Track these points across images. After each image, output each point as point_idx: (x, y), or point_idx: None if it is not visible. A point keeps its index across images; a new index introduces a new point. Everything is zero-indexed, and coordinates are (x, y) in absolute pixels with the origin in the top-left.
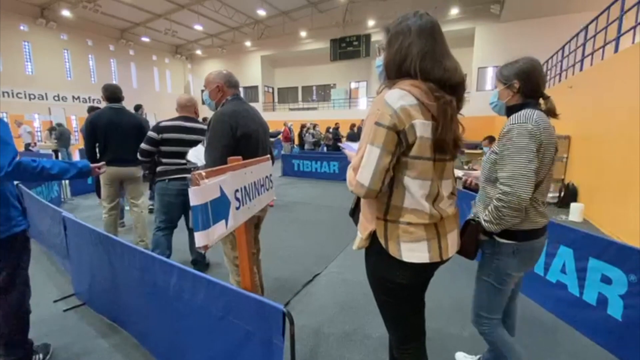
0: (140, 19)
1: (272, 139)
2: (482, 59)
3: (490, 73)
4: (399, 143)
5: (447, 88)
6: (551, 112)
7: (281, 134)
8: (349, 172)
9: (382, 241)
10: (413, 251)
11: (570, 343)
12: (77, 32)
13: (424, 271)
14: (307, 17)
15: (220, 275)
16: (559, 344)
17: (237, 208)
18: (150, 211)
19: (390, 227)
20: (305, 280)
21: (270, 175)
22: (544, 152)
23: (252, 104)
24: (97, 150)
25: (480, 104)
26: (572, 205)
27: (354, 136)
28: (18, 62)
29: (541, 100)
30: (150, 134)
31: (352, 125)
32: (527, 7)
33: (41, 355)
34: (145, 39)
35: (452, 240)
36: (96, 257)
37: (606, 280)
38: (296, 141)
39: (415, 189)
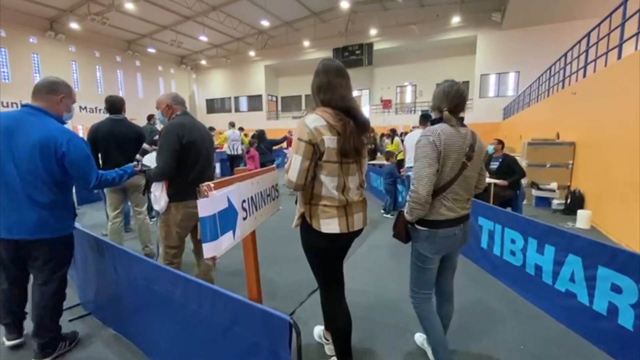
0: (146, 31)
1: (275, 147)
2: (484, 66)
3: (492, 80)
4: (315, 152)
5: (346, 112)
6: (461, 122)
7: (285, 141)
8: (285, 174)
9: (308, 219)
10: (328, 225)
11: (581, 354)
12: (85, 44)
13: (338, 239)
14: (310, 27)
15: (226, 285)
16: (569, 355)
17: (244, 218)
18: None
19: (313, 209)
20: (311, 290)
21: (277, 184)
22: (444, 159)
23: (256, 113)
24: (99, 159)
25: (483, 111)
26: (579, 212)
27: None
28: (27, 74)
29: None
30: (145, 146)
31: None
32: (529, 14)
33: (68, 342)
34: (151, 50)
35: (358, 219)
36: (102, 266)
37: (616, 289)
38: None
39: (327, 183)
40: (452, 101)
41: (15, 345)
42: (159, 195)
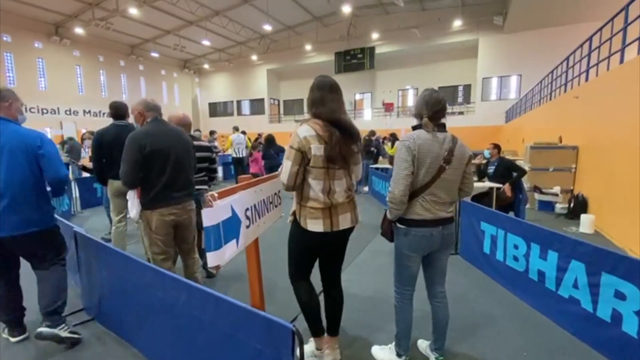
0: (150, 35)
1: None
2: (486, 69)
3: (494, 83)
4: (303, 158)
5: (335, 124)
6: (440, 128)
7: None
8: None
9: (298, 217)
10: (314, 224)
11: None
12: (89, 48)
13: (323, 237)
14: (312, 31)
15: (228, 291)
16: None
17: (248, 227)
18: None
19: (302, 209)
20: None
21: (279, 191)
22: (418, 162)
23: (258, 116)
24: (103, 165)
25: (485, 114)
26: (583, 216)
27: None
28: (32, 78)
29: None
30: None
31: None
32: (530, 18)
33: (68, 328)
34: (154, 54)
35: (344, 218)
36: (105, 272)
37: (620, 296)
38: None
39: (314, 186)
40: (431, 108)
41: (21, 341)
42: (131, 203)
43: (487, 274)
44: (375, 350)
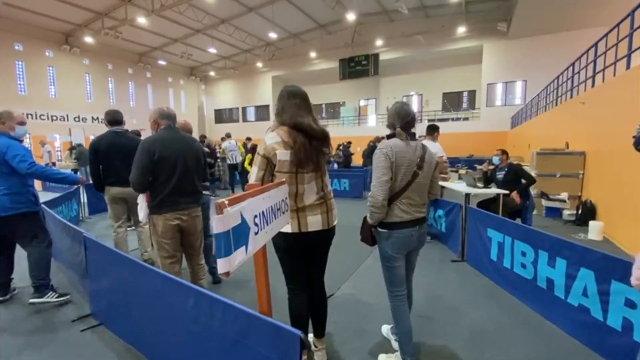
0: (157, 44)
1: None
2: (491, 75)
3: (499, 89)
4: (268, 164)
5: (297, 128)
6: (411, 137)
7: None
8: None
9: None
10: (286, 226)
11: None
12: (98, 56)
13: (295, 237)
14: (317, 38)
15: (234, 297)
16: None
17: (256, 233)
18: None
19: None
20: None
21: (286, 198)
22: (396, 168)
23: (263, 122)
24: (101, 170)
25: (490, 120)
26: (591, 223)
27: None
28: (43, 86)
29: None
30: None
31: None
32: (535, 24)
33: (57, 295)
34: (161, 62)
35: (314, 220)
36: (115, 277)
37: (630, 304)
38: None
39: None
40: (403, 119)
41: (2, 301)
42: (139, 206)
43: (495, 281)
44: (382, 358)
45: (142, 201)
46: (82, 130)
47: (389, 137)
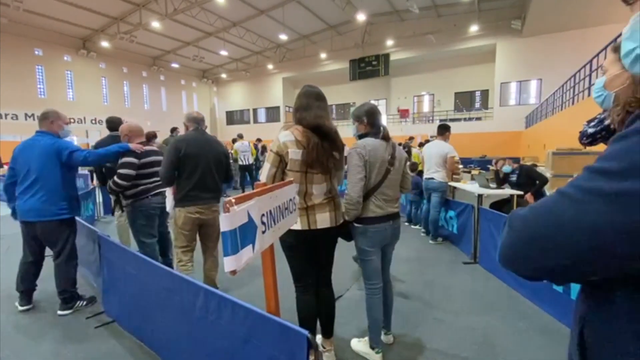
0: (171, 47)
1: None
2: (504, 74)
3: (513, 88)
4: (280, 161)
5: (315, 130)
6: (386, 138)
7: None
8: None
9: None
10: (295, 224)
11: None
12: (114, 60)
13: (304, 234)
14: (327, 39)
15: (244, 297)
16: None
17: (263, 232)
18: None
19: None
20: None
21: (294, 197)
22: (370, 166)
23: (274, 124)
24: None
25: (503, 120)
26: None
27: None
28: (61, 90)
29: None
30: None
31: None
32: (549, 21)
33: (85, 302)
34: (174, 65)
35: (322, 218)
36: (125, 275)
37: None
38: None
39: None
40: (370, 115)
41: (25, 310)
42: (167, 199)
43: (509, 284)
44: (354, 342)
45: (169, 194)
46: (99, 132)
47: (359, 137)
